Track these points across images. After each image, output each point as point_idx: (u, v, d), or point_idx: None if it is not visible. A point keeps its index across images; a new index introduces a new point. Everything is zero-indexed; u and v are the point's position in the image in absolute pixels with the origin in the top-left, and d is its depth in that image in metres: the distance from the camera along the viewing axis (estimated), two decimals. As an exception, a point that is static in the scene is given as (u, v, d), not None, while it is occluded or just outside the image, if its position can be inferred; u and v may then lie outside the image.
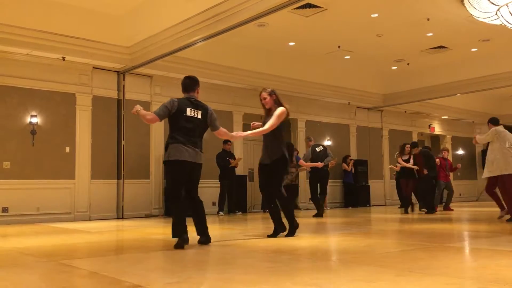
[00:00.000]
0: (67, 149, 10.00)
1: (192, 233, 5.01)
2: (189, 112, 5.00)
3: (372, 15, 10.16)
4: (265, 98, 5.84)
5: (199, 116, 5.09)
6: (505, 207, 7.73)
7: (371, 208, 13.85)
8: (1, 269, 3.86)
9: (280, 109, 5.66)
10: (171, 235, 4.93)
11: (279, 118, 5.62)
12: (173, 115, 4.94)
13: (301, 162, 10.14)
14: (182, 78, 5.35)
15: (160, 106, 5.00)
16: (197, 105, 5.11)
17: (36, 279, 3.51)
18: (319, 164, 9.85)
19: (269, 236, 5.76)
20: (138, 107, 4.93)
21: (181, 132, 4.93)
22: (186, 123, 4.97)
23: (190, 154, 4.93)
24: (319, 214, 9.82)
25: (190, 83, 5.22)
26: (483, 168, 8.14)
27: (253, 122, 6.13)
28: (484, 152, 8.20)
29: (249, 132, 5.87)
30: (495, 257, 4.08)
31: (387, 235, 6.45)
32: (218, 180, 11.35)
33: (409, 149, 10.98)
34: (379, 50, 12.61)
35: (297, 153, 12.92)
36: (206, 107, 5.21)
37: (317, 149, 10.13)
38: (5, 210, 9.18)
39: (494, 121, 7.98)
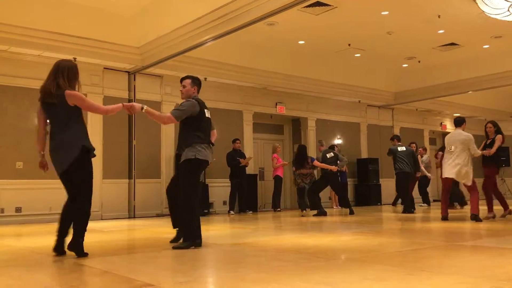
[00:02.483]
0: (79, 149, 10.07)
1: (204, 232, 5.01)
2: (207, 113, 5.02)
3: (383, 13, 10.10)
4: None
5: (209, 116, 5.12)
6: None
7: (382, 206, 13.78)
8: (15, 268, 3.91)
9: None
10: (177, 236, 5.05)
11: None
12: (196, 116, 4.87)
13: (316, 162, 10.20)
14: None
15: (181, 110, 4.83)
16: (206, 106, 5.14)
17: (49, 278, 3.55)
18: (334, 168, 10.07)
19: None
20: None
21: (203, 133, 4.91)
22: (205, 124, 4.97)
23: (209, 155, 4.97)
24: (322, 213, 9.80)
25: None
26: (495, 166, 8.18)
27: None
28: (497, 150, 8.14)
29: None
30: (507, 256, 4.05)
31: (398, 234, 6.42)
32: (228, 179, 11.37)
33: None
34: (389, 48, 12.54)
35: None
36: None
37: (328, 155, 10.26)
38: (18, 210, 9.28)
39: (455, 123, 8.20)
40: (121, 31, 10.05)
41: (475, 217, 7.45)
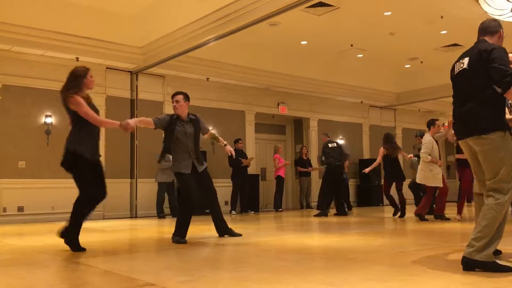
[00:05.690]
0: (81, 149, 10.07)
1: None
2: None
3: (385, 13, 10.08)
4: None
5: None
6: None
7: (384, 207, 13.76)
8: (17, 267, 3.91)
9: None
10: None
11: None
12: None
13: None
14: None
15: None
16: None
17: (51, 277, 3.55)
18: (315, 168, 10.04)
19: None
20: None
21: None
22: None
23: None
24: (323, 214, 9.69)
25: None
26: None
27: None
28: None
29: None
30: (510, 256, 4.04)
31: (400, 234, 6.41)
32: (230, 180, 11.37)
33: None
34: (392, 49, 12.52)
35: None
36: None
37: (330, 145, 10.13)
38: (20, 209, 9.29)
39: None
40: (123, 31, 10.06)
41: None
